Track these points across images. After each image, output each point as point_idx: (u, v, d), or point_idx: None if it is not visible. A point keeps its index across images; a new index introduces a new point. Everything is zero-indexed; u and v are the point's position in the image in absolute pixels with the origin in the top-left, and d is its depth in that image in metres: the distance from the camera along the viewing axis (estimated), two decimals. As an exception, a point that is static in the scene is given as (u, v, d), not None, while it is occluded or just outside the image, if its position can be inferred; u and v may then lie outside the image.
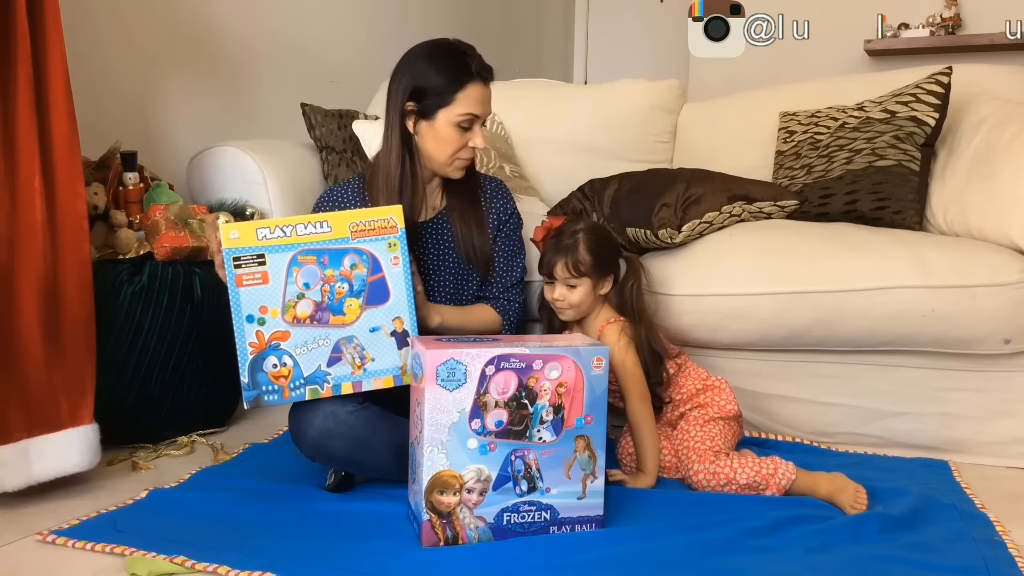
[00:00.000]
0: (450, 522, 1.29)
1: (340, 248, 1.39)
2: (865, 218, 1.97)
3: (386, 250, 1.41)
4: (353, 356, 1.42)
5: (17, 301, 1.51)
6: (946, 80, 2.05)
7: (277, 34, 2.78)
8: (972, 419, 1.74)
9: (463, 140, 1.58)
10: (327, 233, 1.38)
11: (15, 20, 1.49)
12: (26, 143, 1.51)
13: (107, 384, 1.67)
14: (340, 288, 1.40)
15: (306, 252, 1.38)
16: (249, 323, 1.37)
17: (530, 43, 4.66)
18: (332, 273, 1.39)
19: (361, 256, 1.40)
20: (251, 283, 1.36)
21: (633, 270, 1.69)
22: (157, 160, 2.27)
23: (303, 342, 1.39)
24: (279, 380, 1.40)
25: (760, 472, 1.49)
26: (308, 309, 1.39)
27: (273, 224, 1.37)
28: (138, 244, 1.88)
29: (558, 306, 1.64)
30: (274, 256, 1.37)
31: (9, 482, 1.48)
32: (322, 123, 2.34)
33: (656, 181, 1.96)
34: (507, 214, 1.74)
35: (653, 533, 1.33)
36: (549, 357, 1.29)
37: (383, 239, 1.41)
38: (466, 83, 1.55)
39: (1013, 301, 1.63)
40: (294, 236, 1.37)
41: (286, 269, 1.38)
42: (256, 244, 1.36)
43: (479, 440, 1.28)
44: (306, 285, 1.39)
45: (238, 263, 1.36)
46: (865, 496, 1.43)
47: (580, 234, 1.61)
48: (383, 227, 1.41)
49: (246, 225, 1.37)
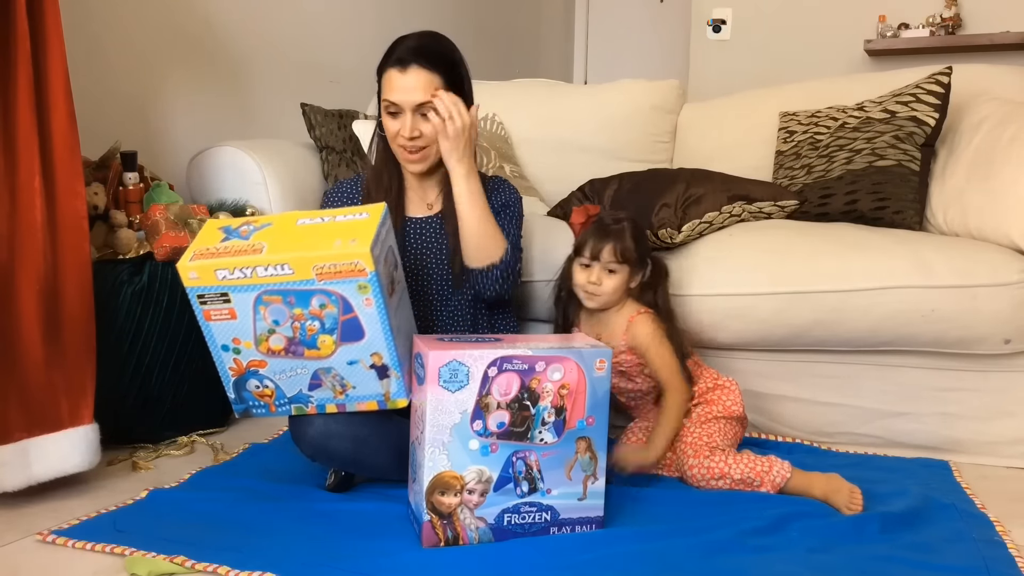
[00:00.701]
0: (451, 523, 1.29)
1: (305, 290, 1.28)
2: (865, 218, 1.97)
3: (356, 292, 1.29)
4: (333, 384, 1.37)
5: (17, 301, 1.51)
6: (946, 80, 2.05)
7: (277, 34, 2.78)
8: (972, 419, 1.74)
9: (393, 129, 1.58)
10: (289, 275, 1.27)
11: (15, 21, 1.49)
12: (26, 143, 1.51)
13: (107, 384, 1.67)
14: (311, 326, 1.31)
15: (270, 292, 1.29)
16: (225, 351, 1.34)
17: (530, 43, 4.66)
18: (301, 312, 1.30)
19: (330, 297, 1.29)
20: (219, 318, 1.30)
21: (661, 270, 1.70)
22: (157, 160, 2.28)
23: (280, 370, 1.35)
24: (264, 398, 1.38)
25: (755, 469, 1.49)
26: (281, 343, 1.33)
27: (232, 266, 1.27)
28: (138, 244, 1.87)
29: (591, 290, 1.62)
30: (238, 296, 1.29)
31: (9, 482, 1.48)
32: (322, 123, 2.35)
33: (656, 181, 1.96)
34: (510, 201, 1.69)
35: (654, 534, 1.33)
36: (552, 359, 1.29)
37: (351, 282, 1.27)
38: (385, 70, 1.58)
39: (1013, 301, 1.63)
40: (255, 278, 1.27)
41: (252, 307, 1.30)
42: (216, 284, 1.28)
43: (480, 441, 1.28)
44: (275, 322, 1.31)
45: (203, 300, 1.29)
46: (860, 496, 1.43)
47: (625, 223, 1.61)
48: (350, 271, 1.27)
49: (204, 266, 1.27)
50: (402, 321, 1.41)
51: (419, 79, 1.54)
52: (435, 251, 1.67)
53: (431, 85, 1.54)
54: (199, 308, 1.30)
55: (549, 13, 4.92)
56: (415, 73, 1.54)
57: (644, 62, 4.80)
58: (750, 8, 3.55)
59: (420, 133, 1.56)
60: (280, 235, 1.32)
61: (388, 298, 1.32)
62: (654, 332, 1.60)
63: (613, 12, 5.02)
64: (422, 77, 1.54)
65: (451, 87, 1.57)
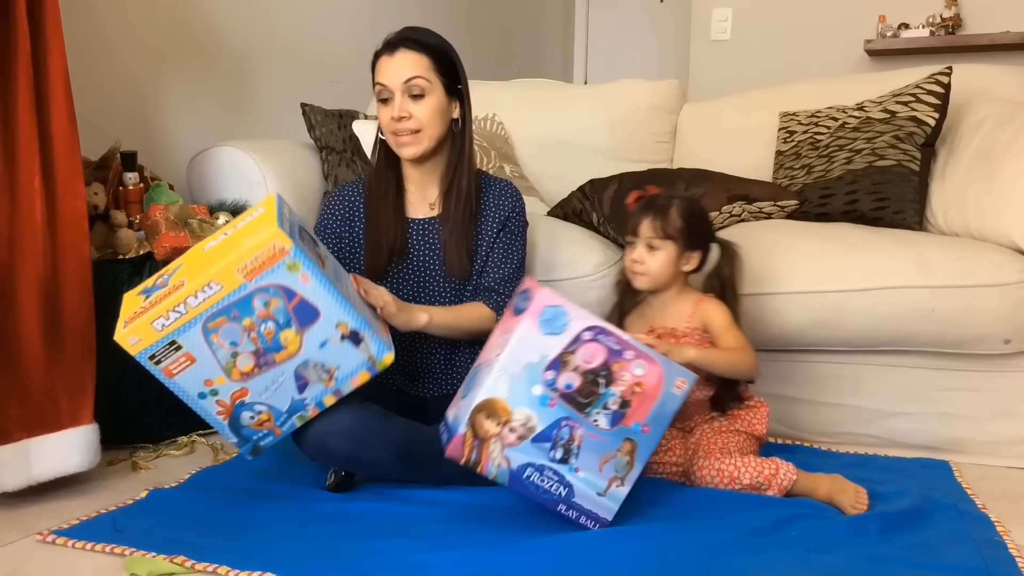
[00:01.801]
0: (480, 447, 1.29)
1: (243, 296, 1.27)
2: (865, 218, 1.97)
3: (288, 272, 1.27)
4: (319, 374, 1.36)
5: (17, 301, 1.51)
6: (946, 80, 2.05)
7: (277, 34, 2.78)
8: (972, 419, 1.74)
9: (386, 116, 1.60)
10: (220, 292, 1.26)
11: (15, 20, 1.49)
12: (26, 143, 1.51)
13: (107, 384, 1.67)
14: (267, 328, 1.30)
15: (213, 317, 1.27)
16: (203, 399, 1.32)
17: (530, 43, 4.66)
18: (250, 321, 1.29)
19: (269, 291, 1.28)
20: (180, 369, 1.29)
21: (730, 256, 1.64)
22: (157, 160, 2.27)
23: (263, 388, 1.34)
24: (264, 426, 1.38)
25: (763, 472, 1.49)
26: (250, 361, 1.31)
27: (164, 311, 1.25)
28: (138, 244, 1.87)
29: (635, 269, 1.59)
30: (185, 337, 1.27)
31: (9, 482, 1.48)
32: (322, 123, 2.34)
33: (656, 181, 1.96)
34: (514, 212, 1.70)
35: (655, 533, 1.33)
36: (642, 354, 1.29)
37: (279, 266, 1.26)
38: (375, 60, 1.62)
39: (1013, 301, 1.63)
40: (190, 311, 1.26)
41: (204, 341, 1.28)
42: (159, 336, 1.26)
43: (544, 391, 1.28)
44: (233, 343, 1.29)
45: (155, 360, 1.27)
46: (866, 496, 1.43)
47: (676, 199, 1.59)
48: (272, 255, 1.25)
49: (139, 325, 1.26)
50: (348, 288, 1.40)
51: (406, 58, 1.58)
52: (437, 252, 1.67)
53: (419, 65, 1.57)
54: (157, 370, 1.29)
55: (549, 13, 4.92)
56: (402, 54, 1.58)
57: (644, 62, 4.80)
58: (750, 8, 3.55)
59: (409, 114, 1.57)
60: (193, 266, 1.31)
61: (323, 269, 1.32)
62: (724, 316, 1.56)
63: (613, 12, 5.02)
64: (410, 56, 1.58)
65: (442, 72, 1.59)
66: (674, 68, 4.13)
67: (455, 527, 1.37)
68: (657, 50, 4.77)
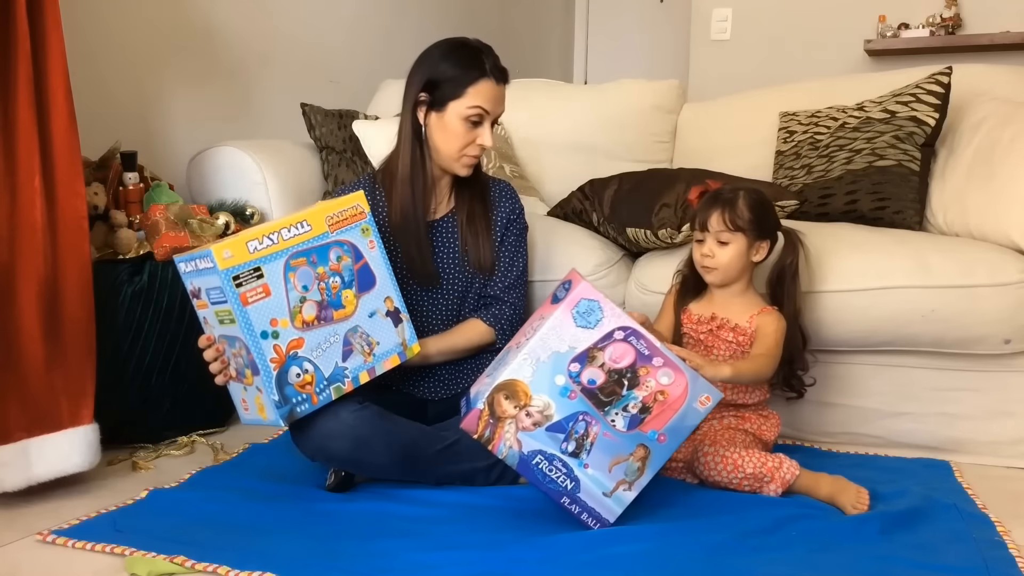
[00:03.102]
0: (495, 426, 1.29)
1: (324, 244, 1.41)
2: (865, 218, 1.97)
3: (361, 236, 1.45)
4: (362, 345, 1.45)
5: (17, 301, 1.51)
6: (946, 80, 2.05)
7: (277, 34, 2.78)
8: (972, 419, 1.74)
9: (471, 136, 1.59)
10: (309, 232, 1.39)
11: (15, 20, 1.49)
12: (26, 143, 1.51)
13: (107, 384, 1.67)
14: (334, 283, 1.42)
15: (296, 255, 1.38)
16: (264, 339, 1.35)
17: (530, 43, 4.66)
18: (323, 270, 1.41)
19: (343, 247, 1.43)
20: (256, 299, 1.34)
21: (793, 245, 1.64)
22: (157, 160, 2.27)
23: (317, 344, 1.40)
24: (305, 388, 1.39)
25: (766, 464, 1.49)
26: (313, 311, 1.40)
27: (260, 234, 1.35)
28: (138, 244, 1.87)
29: (706, 263, 1.59)
30: (269, 267, 1.35)
31: (9, 482, 1.48)
32: (322, 123, 2.34)
33: (656, 181, 1.96)
34: (514, 215, 1.73)
35: (656, 533, 1.32)
36: (671, 363, 1.29)
37: (356, 226, 1.45)
38: (478, 78, 1.57)
39: (1013, 301, 1.63)
40: (281, 242, 1.37)
41: (283, 277, 1.37)
42: (250, 258, 1.33)
43: (567, 382, 1.28)
44: (304, 288, 1.39)
45: (238, 282, 1.32)
46: (867, 497, 1.43)
47: (741, 191, 1.59)
48: (354, 215, 1.44)
49: (236, 241, 1.33)
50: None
51: (504, 93, 1.64)
52: (455, 247, 1.68)
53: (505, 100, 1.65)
54: (235, 293, 1.32)
55: (549, 13, 4.92)
56: (504, 88, 1.63)
57: (644, 62, 4.80)
58: (750, 8, 3.55)
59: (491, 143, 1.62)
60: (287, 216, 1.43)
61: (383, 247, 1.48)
62: (776, 331, 1.58)
63: (613, 12, 5.02)
64: (505, 92, 1.64)
65: None
66: (674, 68, 4.13)
67: (455, 527, 1.37)
68: (657, 50, 4.77)
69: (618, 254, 1.99)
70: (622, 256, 1.99)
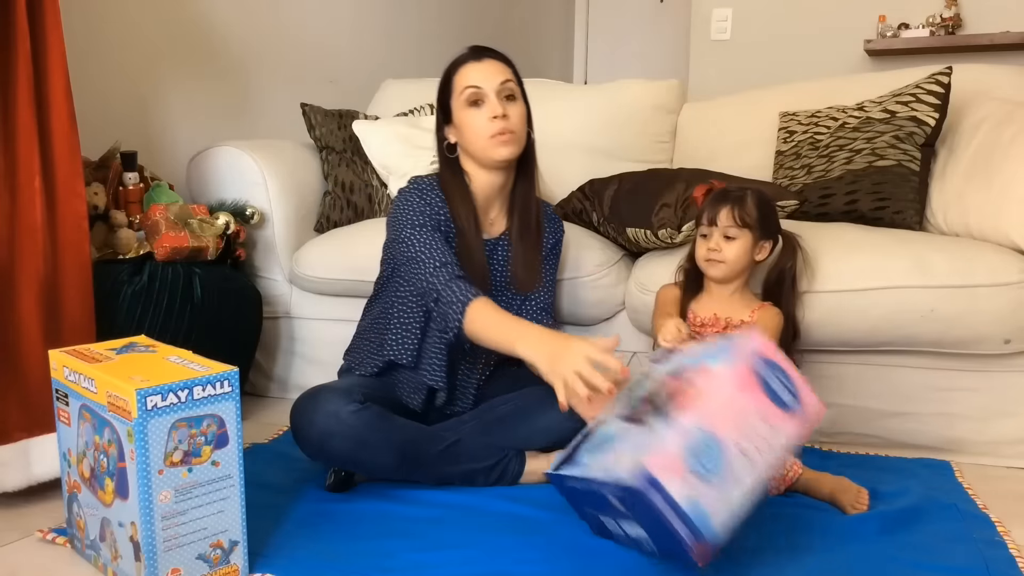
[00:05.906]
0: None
1: (101, 416, 1.15)
2: (865, 218, 1.97)
3: (127, 439, 1.10)
4: (113, 543, 1.19)
5: (17, 301, 1.50)
6: (946, 80, 2.05)
7: (277, 34, 2.78)
8: (972, 419, 1.74)
9: (482, 115, 1.56)
10: (93, 393, 1.15)
11: (15, 20, 1.49)
12: (26, 143, 1.51)
13: (107, 384, 1.67)
14: (103, 462, 1.17)
15: (87, 408, 1.18)
16: (64, 461, 1.29)
17: (530, 43, 4.66)
18: (98, 440, 1.16)
19: (112, 432, 1.13)
20: (62, 420, 1.27)
21: (792, 249, 1.66)
22: (157, 160, 2.27)
23: (87, 504, 1.25)
24: (80, 531, 1.29)
25: None
26: (88, 470, 1.23)
27: (73, 367, 1.20)
28: (138, 244, 1.87)
29: (713, 257, 1.59)
30: (72, 400, 1.23)
31: (9, 482, 1.48)
32: (322, 123, 2.35)
33: (656, 181, 1.96)
34: (558, 239, 1.76)
35: (653, 533, 1.32)
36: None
37: (124, 423, 1.10)
38: (457, 67, 1.60)
39: (1013, 301, 1.63)
40: (78, 387, 1.19)
41: (77, 415, 1.23)
42: (62, 381, 1.24)
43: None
44: (87, 443, 1.21)
45: (58, 395, 1.27)
46: (867, 497, 1.43)
47: (748, 191, 1.60)
48: (123, 408, 1.09)
49: (61, 356, 1.24)
50: None
51: (495, 64, 1.59)
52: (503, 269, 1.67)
53: (507, 71, 1.59)
54: (56, 405, 1.28)
55: (549, 13, 4.92)
56: (490, 61, 1.59)
57: (644, 62, 4.80)
58: (750, 8, 3.55)
59: (507, 114, 1.56)
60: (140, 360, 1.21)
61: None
62: (778, 325, 1.60)
63: (613, 12, 5.02)
64: (497, 63, 1.59)
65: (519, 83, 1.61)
66: (674, 68, 4.13)
67: (455, 527, 1.37)
68: (657, 50, 4.77)
69: (618, 254, 1.99)
70: (622, 256, 1.99)
